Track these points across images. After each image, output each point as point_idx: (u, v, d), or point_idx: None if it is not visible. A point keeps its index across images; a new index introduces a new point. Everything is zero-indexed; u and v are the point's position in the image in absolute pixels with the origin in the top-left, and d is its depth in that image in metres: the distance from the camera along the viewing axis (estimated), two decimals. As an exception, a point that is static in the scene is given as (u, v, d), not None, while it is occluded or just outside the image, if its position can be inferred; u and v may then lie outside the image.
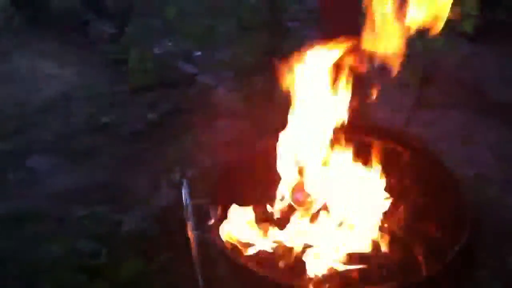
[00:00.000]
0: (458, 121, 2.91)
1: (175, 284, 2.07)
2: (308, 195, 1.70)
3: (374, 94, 1.80)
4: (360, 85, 1.80)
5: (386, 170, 1.76)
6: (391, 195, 1.72)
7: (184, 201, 1.54)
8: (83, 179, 2.93)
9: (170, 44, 4.32)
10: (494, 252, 2.32)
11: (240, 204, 1.73)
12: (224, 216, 1.60)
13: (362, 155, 1.78)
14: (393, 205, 1.70)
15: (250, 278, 1.41)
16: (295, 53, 1.77)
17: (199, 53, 4.23)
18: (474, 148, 2.88)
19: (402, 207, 1.74)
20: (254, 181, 1.84)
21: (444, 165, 1.71)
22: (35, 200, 2.76)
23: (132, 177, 2.90)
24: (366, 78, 1.81)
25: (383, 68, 1.75)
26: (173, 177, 2.79)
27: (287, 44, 3.47)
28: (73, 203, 2.72)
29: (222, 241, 1.42)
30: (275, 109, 3.17)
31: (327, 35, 2.56)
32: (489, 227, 2.39)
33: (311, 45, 1.75)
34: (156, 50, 4.24)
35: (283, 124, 1.98)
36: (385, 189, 1.72)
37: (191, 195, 1.65)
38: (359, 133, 1.79)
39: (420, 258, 1.62)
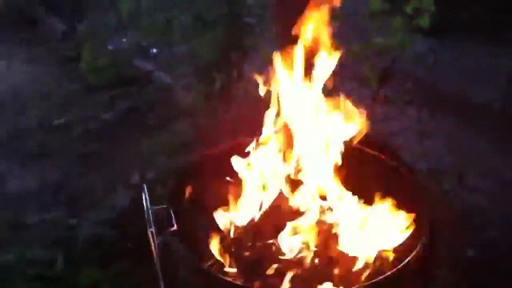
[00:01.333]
0: (414, 116, 2.95)
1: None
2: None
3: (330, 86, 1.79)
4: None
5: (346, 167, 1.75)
6: (352, 192, 1.72)
7: (144, 206, 1.49)
8: (35, 182, 2.83)
9: (125, 40, 4.21)
10: (451, 246, 2.36)
11: (202, 207, 1.69)
12: (185, 221, 1.56)
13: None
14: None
15: (214, 284, 1.37)
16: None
17: (155, 49, 4.15)
18: (430, 143, 2.92)
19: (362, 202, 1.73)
20: (217, 183, 1.80)
21: (404, 162, 1.71)
22: (-14, 207, 2.65)
23: (87, 180, 2.81)
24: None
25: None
26: (131, 179, 2.72)
27: (246, 39, 3.43)
28: (25, 209, 2.62)
29: (185, 247, 1.38)
30: (235, 107, 3.15)
31: (283, 29, 2.54)
32: (445, 219, 2.43)
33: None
34: (111, 47, 4.13)
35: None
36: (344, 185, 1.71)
37: (150, 199, 1.60)
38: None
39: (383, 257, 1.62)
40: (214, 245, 1.51)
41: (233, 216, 1.63)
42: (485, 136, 2.85)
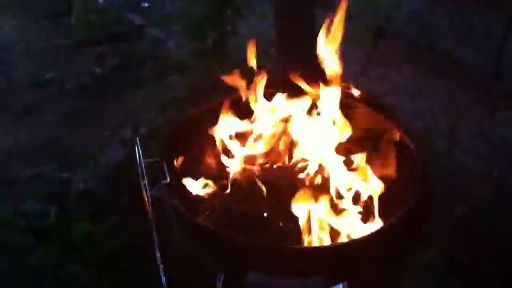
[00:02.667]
0: (408, 76, 2.94)
1: (124, 245, 2.03)
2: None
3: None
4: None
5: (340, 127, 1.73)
6: (345, 151, 1.71)
7: (138, 160, 1.48)
8: (26, 138, 2.80)
9: (116, -5, 4.13)
10: (441, 203, 2.39)
11: (194, 161, 1.68)
12: (178, 174, 1.55)
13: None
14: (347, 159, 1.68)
15: (207, 237, 1.38)
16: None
17: (147, 3, 4.07)
18: (423, 103, 2.92)
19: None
20: (208, 137, 1.78)
21: (398, 120, 1.70)
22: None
23: (78, 135, 2.79)
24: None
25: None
26: (123, 134, 2.71)
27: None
28: (18, 164, 2.61)
29: (177, 200, 1.38)
30: (226, 63, 3.11)
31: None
32: (436, 180, 2.45)
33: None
34: (102, 1, 4.04)
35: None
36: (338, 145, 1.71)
37: (143, 153, 1.58)
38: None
39: (375, 212, 1.63)
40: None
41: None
42: (477, 97, 2.85)
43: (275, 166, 1.67)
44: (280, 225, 1.51)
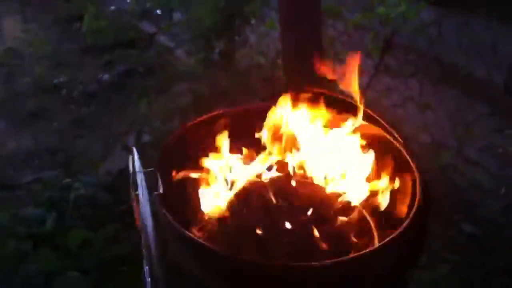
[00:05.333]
0: (416, 88, 2.90)
1: (121, 255, 2.01)
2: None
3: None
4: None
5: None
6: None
7: (130, 170, 1.46)
8: (30, 143, 2.81)
9: (128, 1, 4.14)
10: (448, 220, 2.34)
11: (193, 171, 1.65)
12: (173, 185, 1.53)
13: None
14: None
15: (199, 251, 1.35)
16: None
17: (158, 11, 4.08)
18: (432, 116, 2.88)
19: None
20: (208, 148, 1.76)
21: (394, 133, 1.66)
22: (-20, 166, 2.64)
23: (83, 141, 2.80)
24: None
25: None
26: (127, 142, 2.70)
27: (248, 7, 3.36)
28: (20, 169, 2.61)
29: (168, 212, 1.35)
30: (234, 74, 3.10)
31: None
32: (443, 194, 2.41)
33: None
34: (113, 8, 4.06)
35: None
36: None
37: (143, 164, 1.57)
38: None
39: (373, 228, 1.59)
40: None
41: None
42: (486, 111, 2.80)
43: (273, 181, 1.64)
44: (274, 241, 1.48)
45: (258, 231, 1.47)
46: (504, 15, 2.64)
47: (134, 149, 1.59)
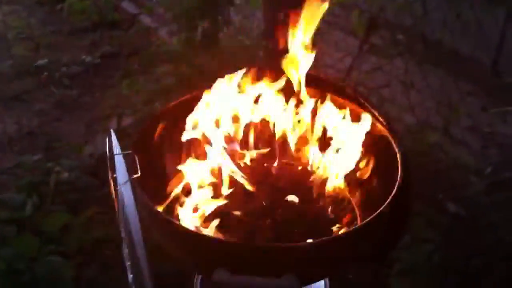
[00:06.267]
0: (401, 68, 2.88)
1: (102, 238, 2.00)
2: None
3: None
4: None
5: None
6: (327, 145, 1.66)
7: (108, 153, 1.44)
8: (12, 126, 2.77)
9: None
10: (433, 200, 2.34)
11: (172, 154, 1.63)
12: (151, 168, 1.51)
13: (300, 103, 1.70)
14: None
15: (175, 233, 1.34)
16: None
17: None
18: (417, 96, 2.87)
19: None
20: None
21: (376, 113, 1.64)
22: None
23: (65, 124, 2.76)
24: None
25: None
26: (109, 124, 2.67)
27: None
28: (2, 153, 2.58)
29: (145, 195, 1.33)
30: (217, 54, 3.06)
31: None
32: (427, 174, 2.41)
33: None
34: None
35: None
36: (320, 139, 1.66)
37: (124, 146, 1.54)
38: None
39: (356, 207, 1.59)
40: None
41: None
42: (471, 90, 2.80)
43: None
44: (254, 223, 1.47)
45: (237, 213, 1.46)
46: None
47: (112, 132, 1.56)
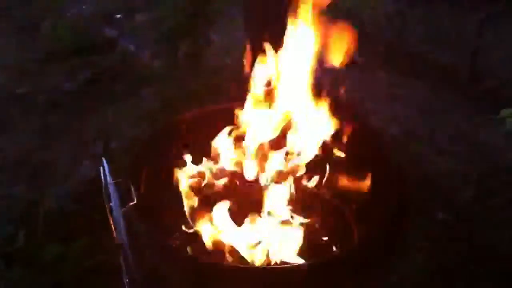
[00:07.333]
0: (384, 81, 2.91)
1: (97, 268, 1.96)
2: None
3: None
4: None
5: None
6: (320, 161, 1.68)
7: (102, 181, 1.42)
8: (-4, 155, 2.71)
9: (84, 7, 4.05)
10: (422, 209, 2.36)
11: (165, 180, 1.63)
12: (147, 194, 1.50)
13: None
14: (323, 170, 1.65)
15: (179, 260, 1.33)
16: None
17: (119, 15, 4.00)
18: (400, 107, 2.90)
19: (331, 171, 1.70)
20: (179, 153, 1.73)
21: (371, 127, 1.67)
22: None
23: (49, 152, 2.71)
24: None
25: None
26: (95, 150, 2.64)
27: (211, 6, 3.32)
28: (-14, 185, 2.52)
29: (144, 221, 1.32)
30: (200, 75, 3.06)
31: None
32: (415, 184, 2.43)
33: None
34: (71, 14, 3.97)
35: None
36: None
37: (112, 171, 1.52)
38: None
39: (352, 223, 1.60)
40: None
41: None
42: (455, 100, 2.83)
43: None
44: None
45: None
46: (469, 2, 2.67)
47: (104, 160, 1.55)
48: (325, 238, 1.56)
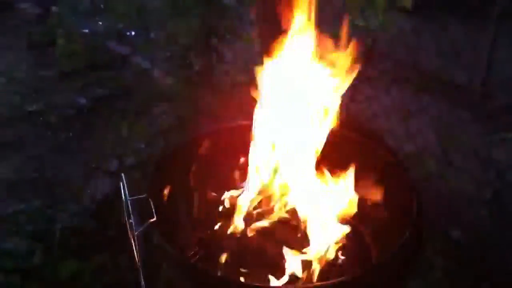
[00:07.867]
0: (397, 97, 2.92)
1: (115, 284, 1.96)
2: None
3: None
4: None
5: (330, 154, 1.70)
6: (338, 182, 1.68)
7: (123, 197, 1.43)
8: (9, 173, 2.72)
9: (100, 23, 4.09)
10: (436, 227, 2.35)
11: (182, 196, 1.63)
12: (166, 211, 1.50)
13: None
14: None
15: (198, 278, 1.32)
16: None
17: (132, 32, 4.04)
18: (414, 124, 2.90)
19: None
20: (197, 169, 1.74)
21: (388, 146, 1.67)
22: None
23: (64, 169, 2.72)
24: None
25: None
26: (110, 167, 2.65)
27: (224, 23, 3.36)
28: (2, 201, 2.53)
29: (165, 239, 1.33)
30: (214, 92, 3.08)
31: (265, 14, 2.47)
32: (429, 203, 2.42)
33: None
34: (86, 31, 4.01)
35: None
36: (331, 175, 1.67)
37: (128, 188, 1.53)
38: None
39: (370, 244, 1.59)
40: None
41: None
42: (468, 116, 2.83)
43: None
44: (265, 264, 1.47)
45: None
46: (479, 18, 2.67)
47: (123, 176, 1.56)
48: (343, 258, 1.54)
